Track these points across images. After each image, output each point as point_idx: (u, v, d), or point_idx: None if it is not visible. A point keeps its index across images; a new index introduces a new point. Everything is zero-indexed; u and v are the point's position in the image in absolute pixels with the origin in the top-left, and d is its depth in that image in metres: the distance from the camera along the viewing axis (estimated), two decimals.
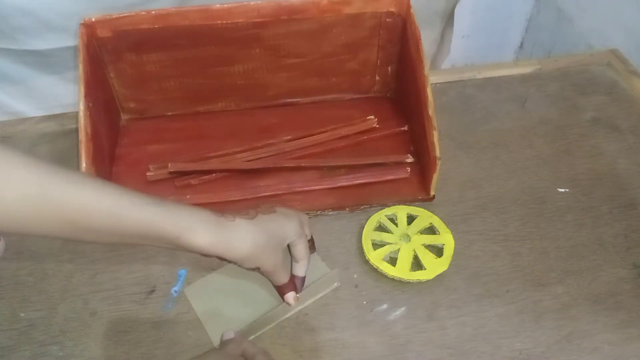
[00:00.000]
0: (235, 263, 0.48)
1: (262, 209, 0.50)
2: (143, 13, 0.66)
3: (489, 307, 0.58)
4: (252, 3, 0.67)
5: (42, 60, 0.79)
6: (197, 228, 0.44)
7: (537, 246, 0.63)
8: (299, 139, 0.74)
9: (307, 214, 0.65)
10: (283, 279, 0.52)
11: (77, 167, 0.61)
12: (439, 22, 1.03)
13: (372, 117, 0.76)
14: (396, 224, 0.64)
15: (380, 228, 0.64)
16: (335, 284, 0.60)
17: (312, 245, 0.56)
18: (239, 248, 0.47)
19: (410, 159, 0.71)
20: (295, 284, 0.53)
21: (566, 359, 0.54)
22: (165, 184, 0.69)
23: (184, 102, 0.78)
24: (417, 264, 0.61)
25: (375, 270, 0.61)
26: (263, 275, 0.51)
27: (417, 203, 0.67)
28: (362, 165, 0.71)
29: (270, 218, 0.50)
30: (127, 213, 0.42)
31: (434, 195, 0.67)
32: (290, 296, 0.53)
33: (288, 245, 0.53)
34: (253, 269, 0.49)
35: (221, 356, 0.48)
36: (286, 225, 0.50)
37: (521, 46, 1.26)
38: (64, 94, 0.83)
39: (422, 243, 0.62)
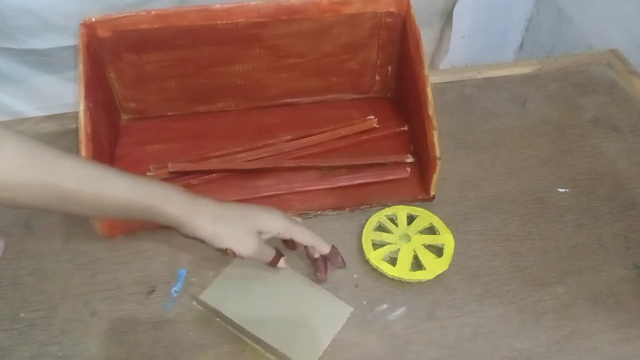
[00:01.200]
0: (202, 240, 0.51)
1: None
2: (143, 13, 0.66)
3: (489, 307, 0.58)
4: (252, 3, 0.67)
5: (42, 59, 0.79)
6: (169, 198, 0.49)
7: (537, 246, 0.63)
8: (299, 139, 0.74)
9: (307, 213, 0.66)
10: (267, 258, 0.55)
11: None
12: (438, 21, 1.03)
13: (372, 117, 0.76)
14: (396, 224, 0.64)
15: (380, 228, 0.64)
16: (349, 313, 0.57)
17: (292, 245, 0.59)
18: (201, 221, 0.50)
19: (410, 159, 0.71)
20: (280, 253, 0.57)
21: (566, 359, 0.54)
22: None
23: (184, 102, 0.78)
24: (417, 264, 0.61)
25: (375, 270, 0.61)
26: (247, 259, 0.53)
27: (417, 203, 0.67)
28: (362, 165, 0.71)
29: (240, 204, 0.54)
30: (106, 185, 0.47)
31: (434, 195, 0.67)
32: (282, 261, 0.57)
33: (283, 241, 0.57)
34: (224, 250, 0.52)
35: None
36: (260, 214, 0.53)
37: (521, 46, 1.26)
38: (64, 94, 0.83)
39: (422, 243, 0.62)
